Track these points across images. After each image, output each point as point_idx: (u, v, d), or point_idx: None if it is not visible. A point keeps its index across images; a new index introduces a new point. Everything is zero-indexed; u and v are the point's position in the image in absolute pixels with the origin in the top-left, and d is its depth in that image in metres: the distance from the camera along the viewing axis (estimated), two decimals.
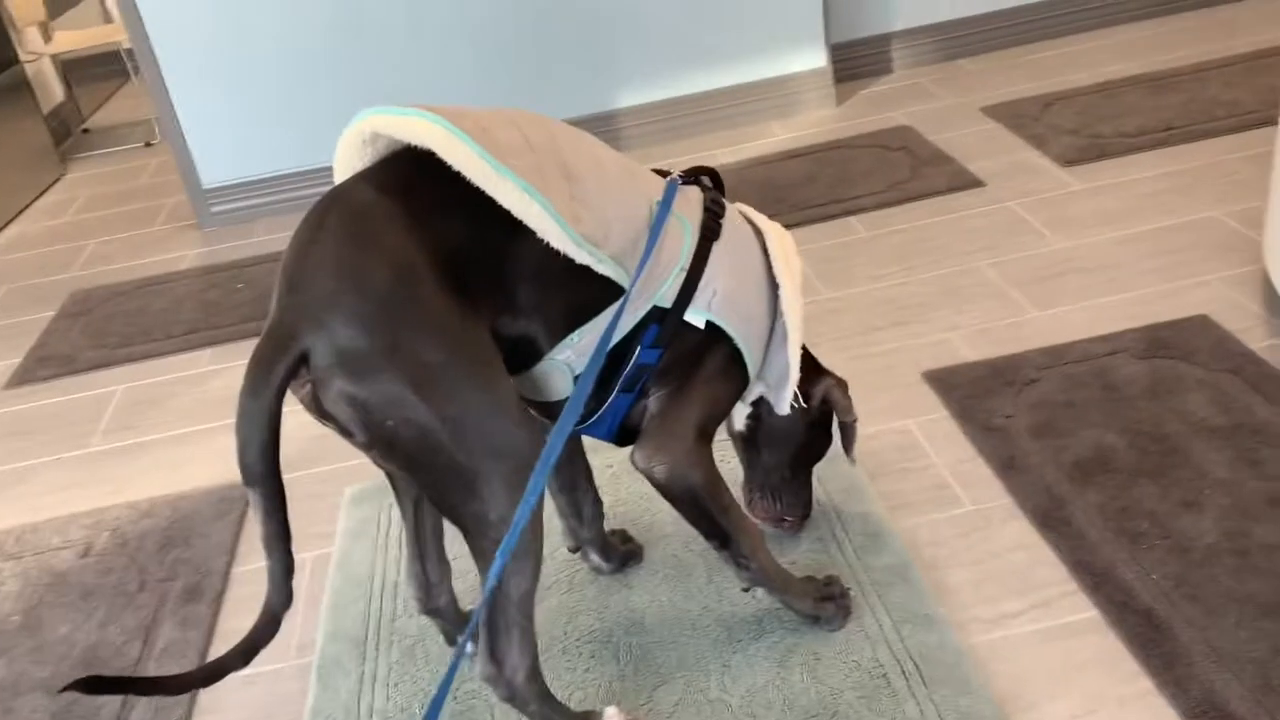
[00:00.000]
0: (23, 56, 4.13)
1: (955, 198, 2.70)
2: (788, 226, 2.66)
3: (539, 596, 1.26)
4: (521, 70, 3.22)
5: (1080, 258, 2.33)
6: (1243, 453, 1.69)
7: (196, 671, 1.21)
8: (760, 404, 1.53)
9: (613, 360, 1.30)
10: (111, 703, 1.60)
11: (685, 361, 1.34)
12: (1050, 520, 1.63)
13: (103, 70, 5.26)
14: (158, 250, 3.27)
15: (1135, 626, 1.42)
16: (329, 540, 1.85)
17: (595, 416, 1.36)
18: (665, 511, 1.75)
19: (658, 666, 1.49)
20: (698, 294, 1.32)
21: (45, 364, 2.66)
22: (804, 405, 1.51)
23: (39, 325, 2.88)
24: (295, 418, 1.15)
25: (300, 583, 1.76)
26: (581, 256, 1.21)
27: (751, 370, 1.40)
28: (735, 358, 1.37)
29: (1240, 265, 2.19)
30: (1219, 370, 1.89)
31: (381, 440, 1.13)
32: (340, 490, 1.97)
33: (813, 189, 2.87)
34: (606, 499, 1.65)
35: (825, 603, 1.50)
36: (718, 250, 1.34)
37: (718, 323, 1.33)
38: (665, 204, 1.32)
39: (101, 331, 2.78)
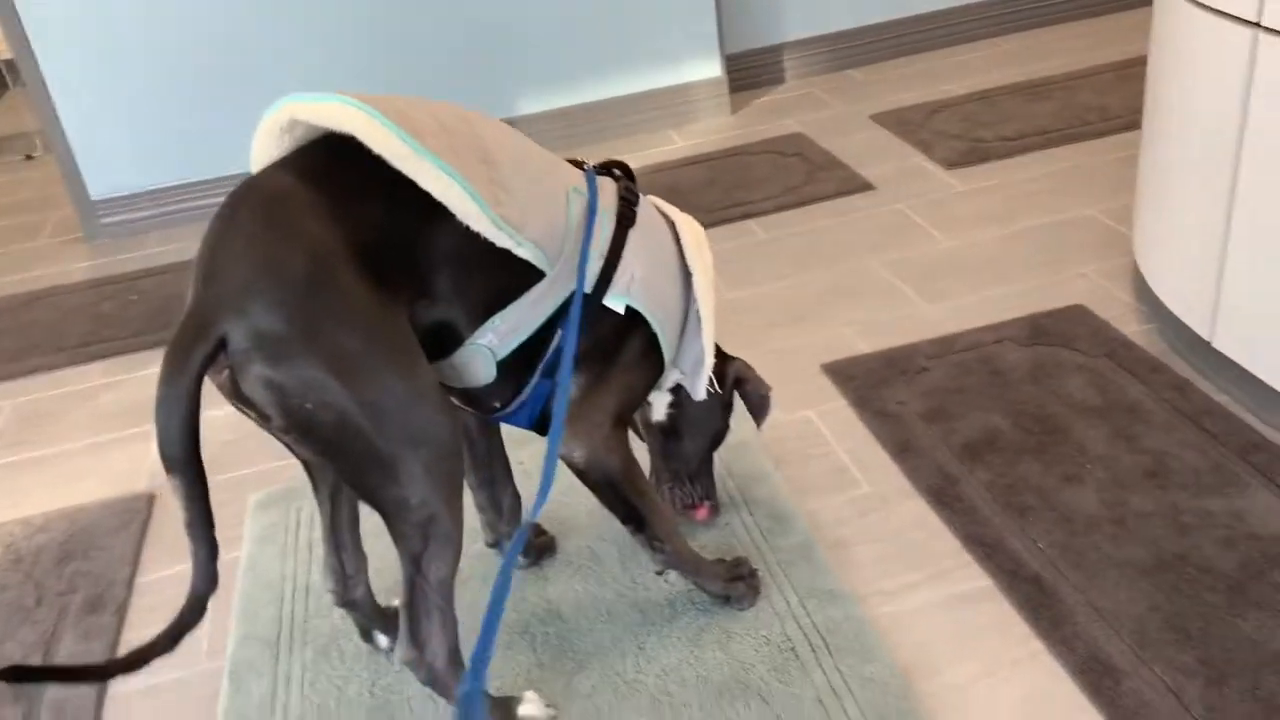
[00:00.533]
0: None
1: (848, 200, 2.80)
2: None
3: (455, 591, 1.28)
4: (417, 75, 3.22)
5: (965, 254, 2.45)
6: (1118, 430, 1.80)
7: (122, 658, 1.19)
8: (679, 391, 1.57)
9: (532, 347, 1.33)
10: (10, 716, 1.55)
11: (603, 348, 1.37)
12: (943, 498, 1.71)
13: None
14: (45, 264, 3.17)
15: (1025, 592, 1.51)
16: (236, 545, 1.83)
17: (516, 403, 1.38)
18: (578, 505, 1.78)
19: (574, 653, 1.52)
20: (616, 279, 1.35)
21: None
22: (718, 390, 1.56)
23: None
24: (205, 410, 1.15)
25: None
26: (501, 239, 1.23)
27: (667, 356, 1.44)
28: (652, 344, 1.41)
29: (1113, 258, 2.32)
30: (1095, 355, 2.01)
31: (299, 425, 1.14)
32: (244, 497, 1.95)
33: (711, 193, 2.94)
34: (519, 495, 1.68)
35: (735, 582, 1.54)
36: (634, 237, 1.37)
37: (636, 307, 1.37)
38: (591, 190, 1.35)
39: None
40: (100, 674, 1.24)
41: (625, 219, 1.37)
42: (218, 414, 1.15)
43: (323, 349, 1.11)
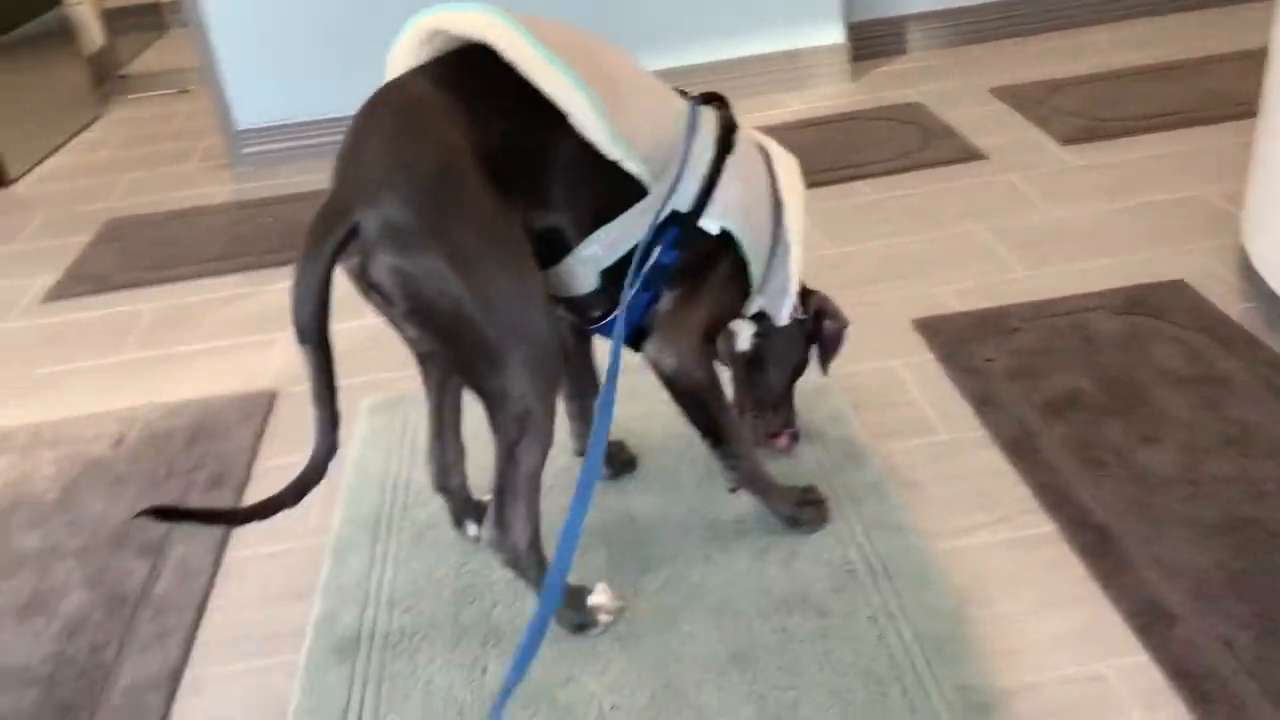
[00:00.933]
0: (65, 0, 4.27)
1: (959, 168, 2.81)
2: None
3: (541, 497, 1.39)
4: None
5: (1070, 225, 2.44)
6: (1205, 399, 1.81)
7: (250, 507, 1.34)
8: (764, 321, 1.64)
9: (629, 262, 1.41)
10: (140, 569, 1.73)
11: (696, 266, 1.45)
12: (1019, 449, 1.75)
13: (141, 21, 5.39)
14: (191, 186, 3.40)
15: (1087, 540, 1.54)
16: (345, 443, 1.97)
17: (612, 316, 1.47)
18: (659, 429, 1.87)
19: (645, 558, 1.61)
20: (713, 202, 1.43)
21: (81, 282, 2.80)
22: (801, 318, 1.62)
23: (75, 248, 3.02)
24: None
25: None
26: (615, 152, 1.33)
27: (754, 281, 1.52)
28: (741, 267, 1.49)
29: (1220, 238, 2.29)
30: (1190, 329, 2.00)
31: (418, 311, 1.25)
32: (357, 403, 2.09)
33: (823, 155, 2.98)
34: None
35: (804, 507, 1.62)
36: (731, 163, 1.45)
37: (730, 229, 1.44)
38: (693, 116, 1.43)
39: (135, 255, 2.91)
40: (230, 519, 1.40)
41: (724, 146, 1.45)
42: (339, 327, 1.28)
43: (445, 243, 1.22)
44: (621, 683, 1.40)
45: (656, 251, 1.42)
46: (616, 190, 1.38)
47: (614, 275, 1.42)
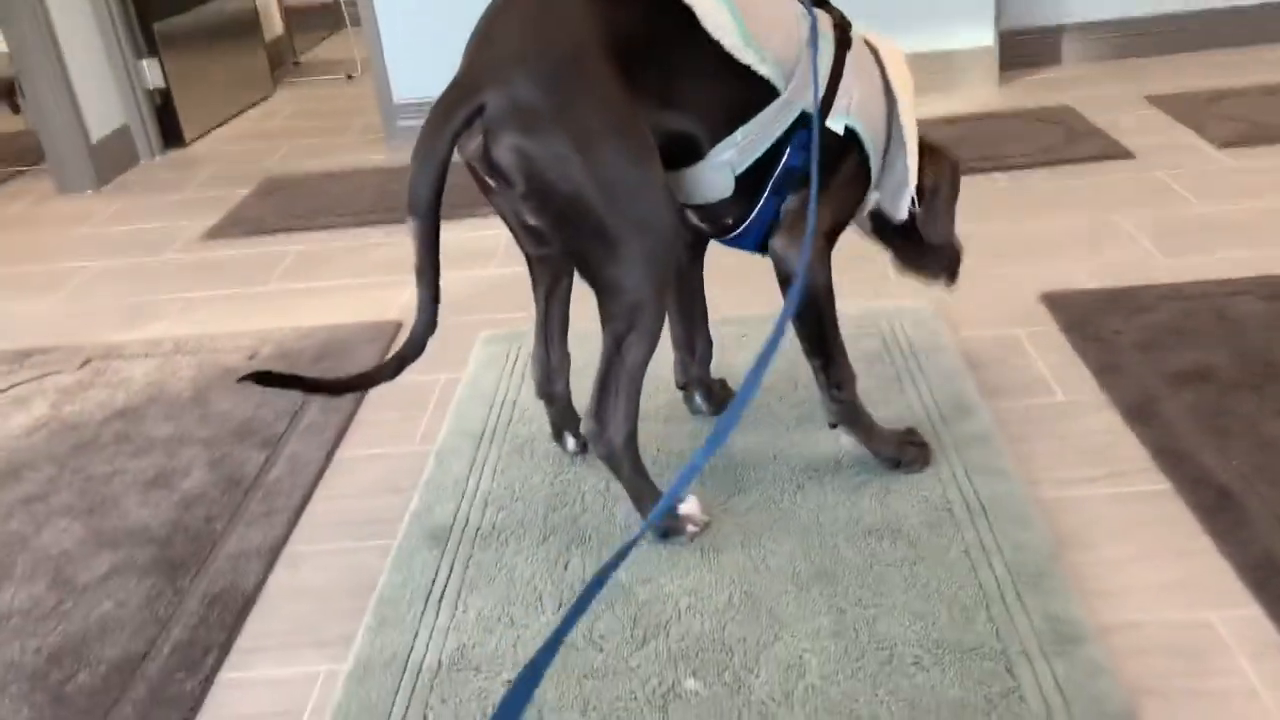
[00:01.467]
0: None
1: (1104, 164, 2.72)
2: None
3: (640, 422, 1.40)
4: None
5: (1219, 219, 2.33)
6: None
7: (351, 378, 1.39)
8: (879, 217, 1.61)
9: (762, 165, 1.42)
10: (257, 458, 1.81)
11: (821, 167, 1.44)
12: (1140, 414, 1.67)
13: (318, 19, 5.73)
14: (347, 153, 3.58)
15: (1206, 498, 1.46)
16: (462, 368, 2.04)
17: (745, 226, 1.48)
18: (767, 376, 1.86)
19: (739, 481, 1.61)
20: (837, 101, 1.42)
21: (237, 225, 2.97)
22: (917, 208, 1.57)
23: (236, 198, 3.21)
24: (455, 271, 1.33)
25: (430, 396, 1.95)
26: (747, 55, 1.34)
27: (874, 176, 1.50)
28: (862, 164, 1.47)
29: None
30: None
31: (539, 192, 1.27)
32: (475, 335, 2.15)
33: (963, 147, 2.93)
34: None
35: (905, 447, 1.58)
36: (850, 61, 1.44)
37: (855, 127, 1.43)
38: (812, 17, 1.43)
39: (288, 206, 3.08)
40: (333, 388, 1.44)
41: (843, 44, 1.44)
42: (465, 273, 1.32)
43: (571, 126, 1.24)
44: (699, 586, 1.40)
45: (786, 154, 1.42)
46: (747, 94, 1.38)
47: (745, 181, 1.43)
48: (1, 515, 1.74)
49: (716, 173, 1.41)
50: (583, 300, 1.46)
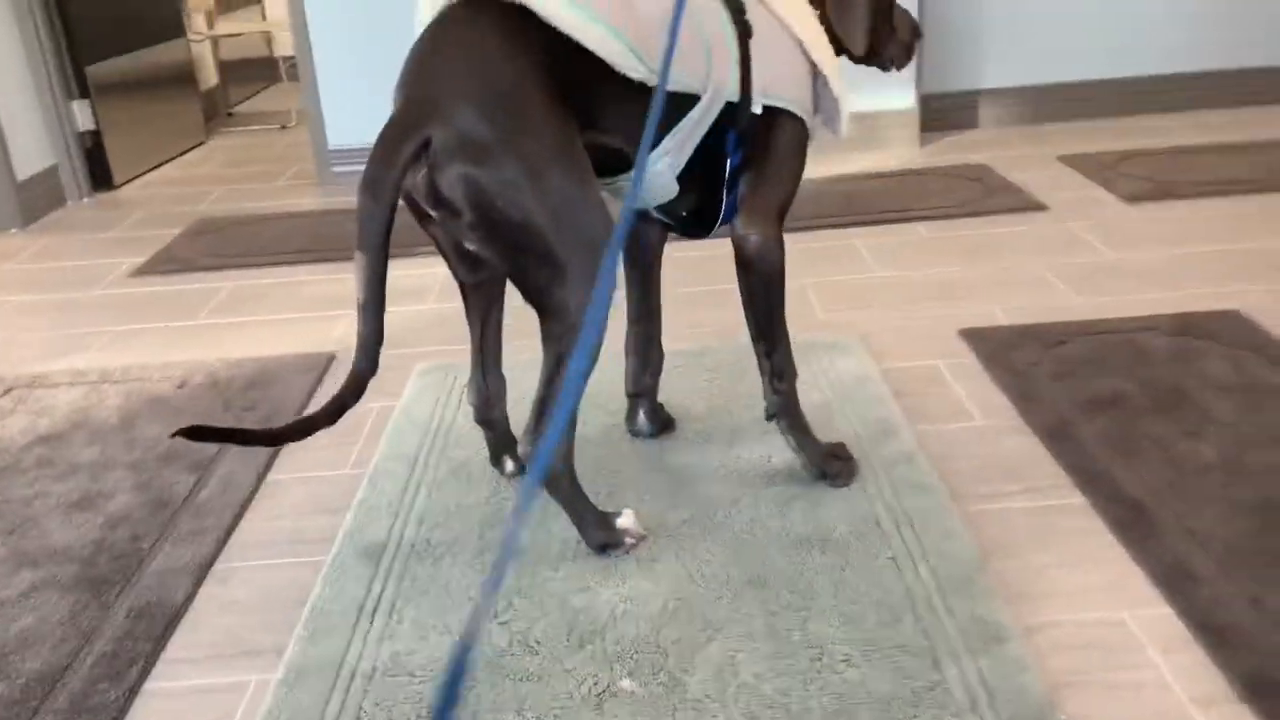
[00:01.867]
0: (190, 36, 4.58)
1: (1019, 215, 2.85)
2: (857, 226, 2.84)
3: (579, 447, 1.43)
4: None
5: (1127, 265, 2.45)
6: (1251, 403, 1.78)
7: (289, 425, 1.37)
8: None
9: (707, 167, 1.49)
10: (186, 481, 1.79)
11: (760, 146, 1.50)
12: (1055, 435, 1.74)
13: (253, 73, 5.74)
14: (280, 198, 3.58)
15: (1118, 512, 1.52)
16: (395, 398, 2.04)
17: (720, 223, 1.57)
18: (702, 404, 1.90)
19: (673, 498, 1.63)
20: (754, 84, 1.47)
21: (168, 263, 2.95)
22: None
23: (167, 238, 3.19)
24: (392, 306, 1.35)
25: (364, 424, 1.94)
26: (649, 78, 1.39)
27: (809, 123, 1.55)
28: (797, 122, 1.52)
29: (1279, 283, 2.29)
30: (1242, 348, 1.98)
31: (487, 221, 1.30)
32: (411, 367, 2.16)
33: (886, 200, 3.04)
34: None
35: (833, 459, 1.62)
36: (755, 42, 1.49)
37: (777, 104, 1.49)
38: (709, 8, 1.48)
39: (220, 246, 3.06)
40: (269, 439, 1.41)
41: (744, 32, 1.48)
42: (403, 309, 1.35)
43: (518, 154, 1.28)
44: (635, 594, 1.41)
45: (729, 157, 1.49)
46: (671, 105, 1.43)
47: (693, 177, 1.49)
48: None
49: (658, 178, 1.47)
50: (516, 330, 1.49)
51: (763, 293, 1.53)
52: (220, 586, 1.53)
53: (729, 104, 1.47)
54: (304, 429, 1.39)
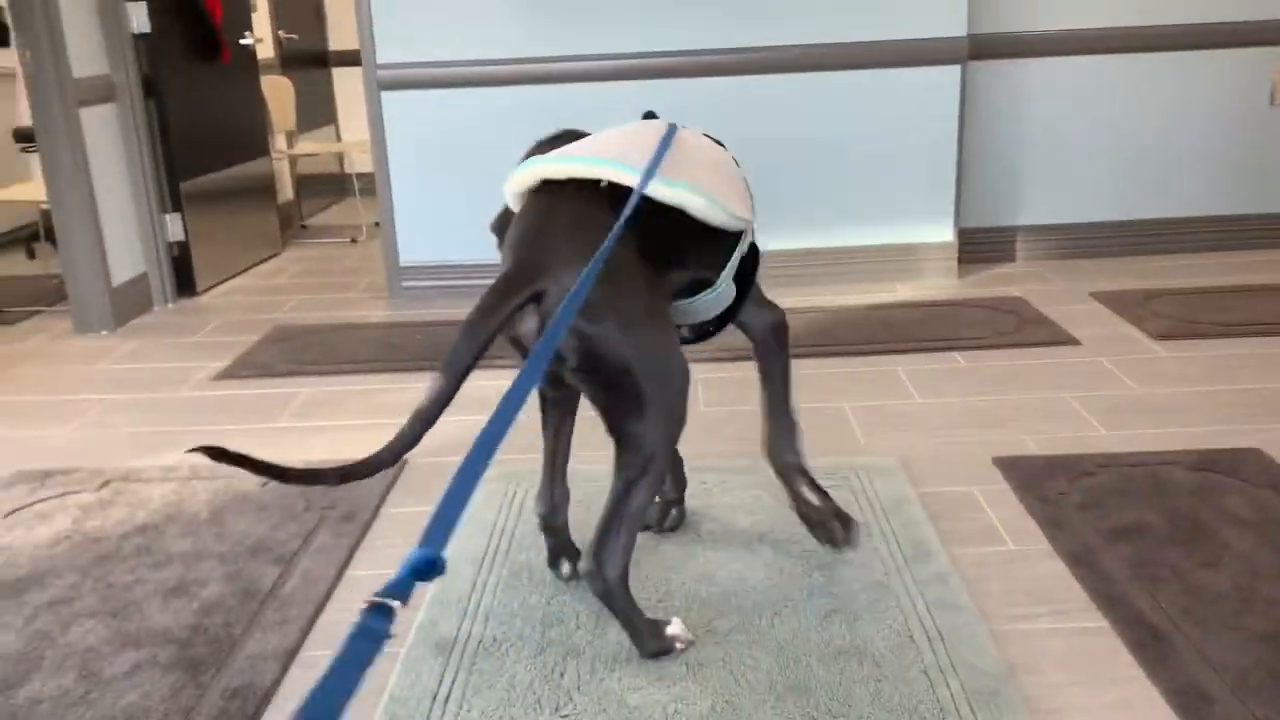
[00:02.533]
0: (272, 154, 4.92)
1: (1052, 350, 2.99)
2: (897, 353, 2.99)
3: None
4: None
5: (1154, 401, 2.58)
6: (1268, 539, 1.89)
7: (327, 470, 1.41)
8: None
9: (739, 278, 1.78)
10: (272, 573, 1.95)
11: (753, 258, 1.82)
12: (1081, 561, 1.85)
13: (326, 188, 6.09)
14: (352, 309, 3.82)
15: (1138, 636, 1.63)
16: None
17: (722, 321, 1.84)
18: (746, 520, 2.04)
19: (719, 607, 1.76)
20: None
21: (247, 368, 3.16)
22: None
23: (245, 345, 3.41)
24: (461, 416, 1.54)
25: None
26: (732, 224, 1.69)
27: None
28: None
29: None
30: (1261, 486, 2.10)
31: (590, 367, 1.50)
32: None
33: (923, 329, 3.21)
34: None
35: (835, 520, 1.86)
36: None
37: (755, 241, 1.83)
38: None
39: (296, 353, 3.28)
40: (281, 475, 1.45)
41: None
42: (472, 418, 1.51)
43: (620, 313, 1.50)
44: (685, 695, 1.54)
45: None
46: (731, 238, 1.74)
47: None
48: (28, 616, 1.85)
49: (725, 294, 1.75)
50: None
51: (789, 355, 1.84)
52: (305, 671, 1.67)
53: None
54: (344, 475, 1.42)
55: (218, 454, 1.41)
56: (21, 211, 4.98)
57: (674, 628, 1.65)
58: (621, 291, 1.50)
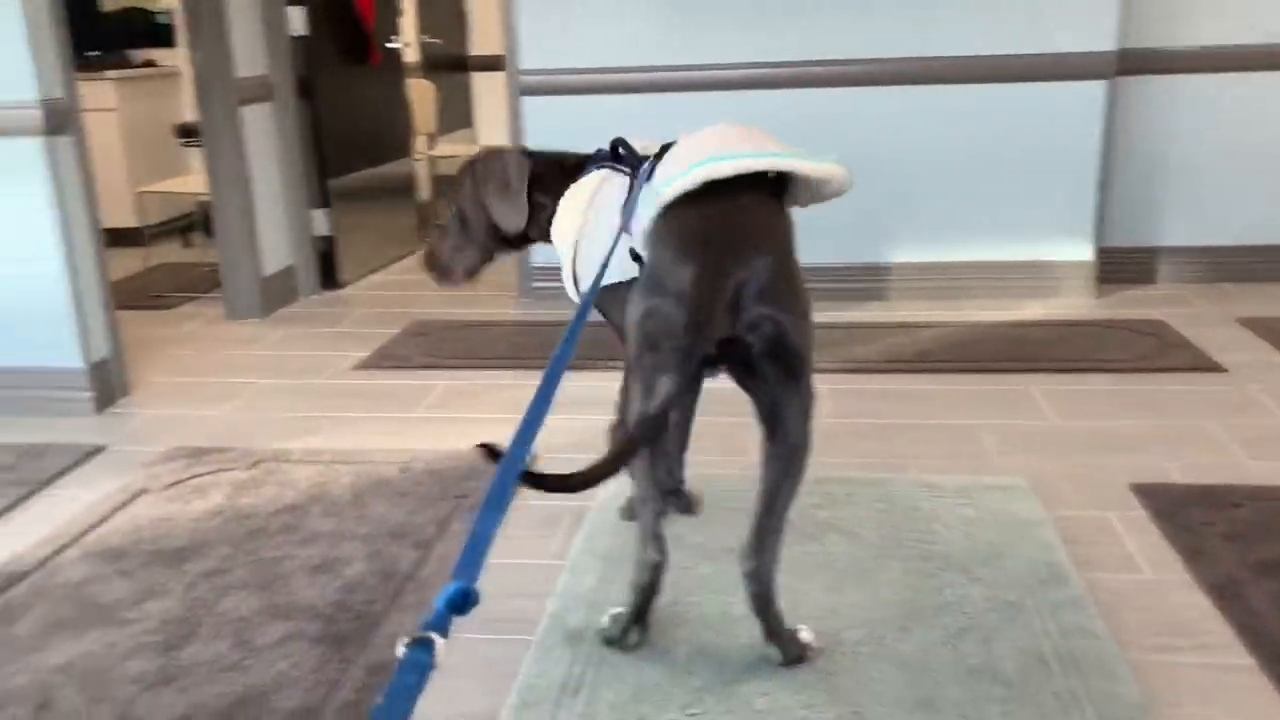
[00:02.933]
0: (414, 156, 5.09)
1: (1196, 375, 2.89)
2: (1033, 373, 2.93)
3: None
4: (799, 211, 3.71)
5: None
6: None
7: (584, 472, 1.47)
8: None
9: None
10: (411, 556, 2.03)
11: None
12: (1225, 595, 1.79)
13: None
14: (484, 306, 3.93)
15: None
16: (587, 497, 2.25)
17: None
18: (874, 534, 2.04)
19: (848, 617, 1.77)
20: None
21: (387, 359, 3.29)
22: None
23: (385, 337, 3.55)
24: (588, 414, 1.58)
25: (560, 520, 2.16)
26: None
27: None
28: None
29: None
30: None
31: (774, 347, 1.54)
32: None
33: (1060, 348, 3.13)
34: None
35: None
36: None
37: None
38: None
39: (432, 346, 3.40)
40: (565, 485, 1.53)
41: None
42: (592, 418, 1.56)
43: (800, 299, 1.55)
44: (814, 702, 1.55)
45: None
46: None
47: None
48: (187, 584, 1.97)
49: None
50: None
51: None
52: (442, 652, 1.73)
53: None
54: (590, 479, 1.46)
55: (493, 453, 1.51)
56: (180, 203, 5.26)
57: (805, 634, 1.67)
58: (796, 283, 1.55)
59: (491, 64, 6.18)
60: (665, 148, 1.78)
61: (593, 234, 1.82)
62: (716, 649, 1.70)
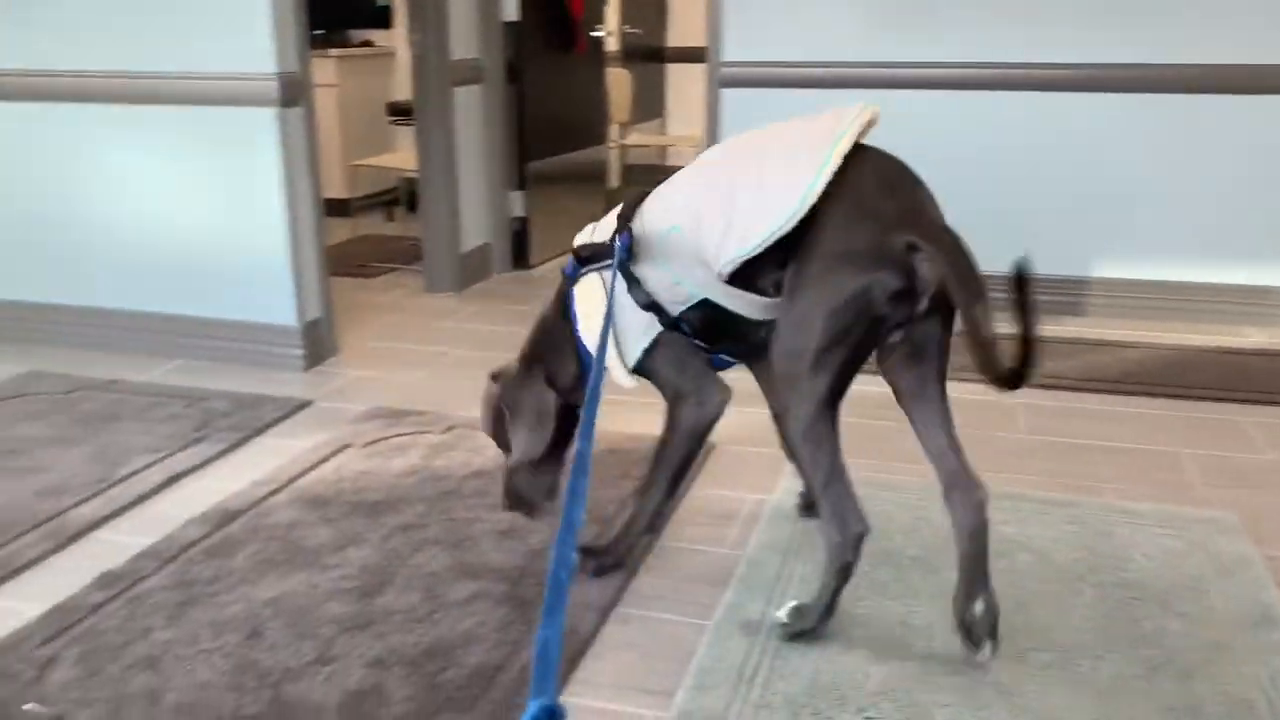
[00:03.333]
0: (609, 143, 5.19)
1: None
2: (1245, 403, 2.75)
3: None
4: (1001, 218, 3.58)
5: None
6: None
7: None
8: None
9: None
10: (593, 530, 2.08)
11: None
12: None
13: (646, 178, 6.34)
14: None
15: None
16: (762, 491, 2.25)
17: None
18: (1063, 546, 1.96)
19: (1037, 639, 1.71)
20: None
21: None
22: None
23: None
24: (755, 409, 1.57)
25: (739, 511, 2.16)
26: None
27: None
28: None
29: None
30: None
31: (933, 300, 1.56)
32: (781, 465, 2.36)
33: (1277, 379, 2.92)
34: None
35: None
36: None
37: None
38: None
39: None
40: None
41: None
42: (757, 412, 1.55)
43: (964, 253, 1.52)
44: (994, 718, 1.50)
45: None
46: None
47: None
48: (384, 536, 2.08)
49: None
50: None
51: None
52: (620, 627, 1.77)
53: None
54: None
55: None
56: (386, 178, 5.53)
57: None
58: (955, 240, 1.54)
59: (688, 55, 6.23)
60: (622, 212, 1.92)
61: (620, 315, 1.90)
62: (894, 655, 1.67)
